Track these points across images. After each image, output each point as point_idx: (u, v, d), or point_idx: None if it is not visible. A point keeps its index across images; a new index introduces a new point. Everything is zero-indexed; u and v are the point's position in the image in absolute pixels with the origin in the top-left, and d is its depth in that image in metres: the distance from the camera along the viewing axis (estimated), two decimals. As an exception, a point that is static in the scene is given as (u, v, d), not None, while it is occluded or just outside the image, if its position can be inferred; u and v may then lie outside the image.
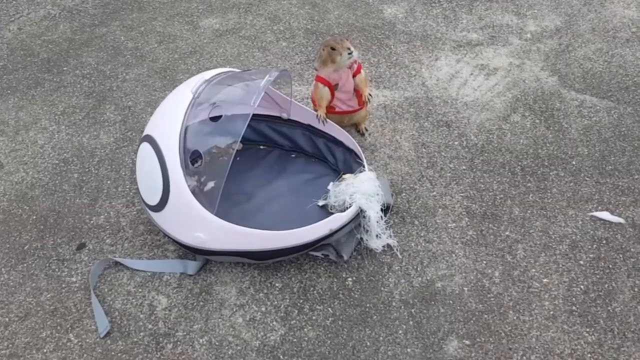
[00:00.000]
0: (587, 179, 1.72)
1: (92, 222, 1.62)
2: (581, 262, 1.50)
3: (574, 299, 1.42)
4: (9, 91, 2.08)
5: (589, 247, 1.54)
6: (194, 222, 1.38)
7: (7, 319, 1.41)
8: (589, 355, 1.31)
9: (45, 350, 1.34)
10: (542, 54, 2.22)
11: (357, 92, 1.71)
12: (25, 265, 1.52)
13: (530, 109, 1.97)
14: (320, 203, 1.57)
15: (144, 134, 1.44)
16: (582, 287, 1.45)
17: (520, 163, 1.77)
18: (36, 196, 1.70)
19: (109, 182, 1.74)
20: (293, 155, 1.77)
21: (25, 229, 1.61)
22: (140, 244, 1.56)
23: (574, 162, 1.78)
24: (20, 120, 1.96)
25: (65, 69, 2.18)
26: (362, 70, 1.70)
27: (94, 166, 1.79)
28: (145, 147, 1.41)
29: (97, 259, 1.52)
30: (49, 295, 1.45)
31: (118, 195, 1.70)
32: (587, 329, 1.36)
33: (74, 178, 1.75)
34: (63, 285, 1.47)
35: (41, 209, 1.67)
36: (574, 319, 1.38)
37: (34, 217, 1.64)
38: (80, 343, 1.36)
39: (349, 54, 1.62)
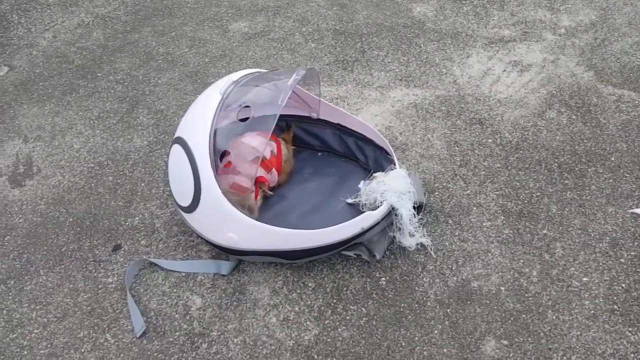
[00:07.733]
0: (627, 175, 1.67)
1: (127, 223, 1.65)
2: (622, 260, 1.46)
3: (615, 297, 1.38)
4: (45, 97, 2.13)
5: (630, 244, 1.49)
6: (226, 222, 1.39)
7: (45, 320, 1.43)
8: (632, 355, 1.27)
9: (83, 350, 1.36)
10: (577, 48, 2.17)
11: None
12: (62, 266, 1.55)
13: (566, 104, 1.93)
14: (351, 201, 1.56)
15: (175, 136, 1.45)
16: (623, 285, 1.41)
17: (557, 160, 1.73)
18: (72, 199, 1.73)
19: (143, 184, 1.76)
20: (321, 154, 1.76)
21: (63, 231, 1.64)
22: (174, 245, 1.57)
23: (612, 158, 1.72)
24: (57, 125, 2.01)
25: (99, 74, 2.22)
26: None
27: (128, 169, 1.81)
28: (177, 149, 1.42)
29: (133, 260, 1.54)
30: (86, 296, 1.48)
31: (152, 197, 1.72)
32: (630, 329, 1.32)
33: (109, 181, 1.78)
34: (100, 286, 1.50)
35: (77, 211, 1.70)
36: (615, 318, 1.34)
37: (71, 219, 1.68)
38: (117, 343, 1.37)
39: None
